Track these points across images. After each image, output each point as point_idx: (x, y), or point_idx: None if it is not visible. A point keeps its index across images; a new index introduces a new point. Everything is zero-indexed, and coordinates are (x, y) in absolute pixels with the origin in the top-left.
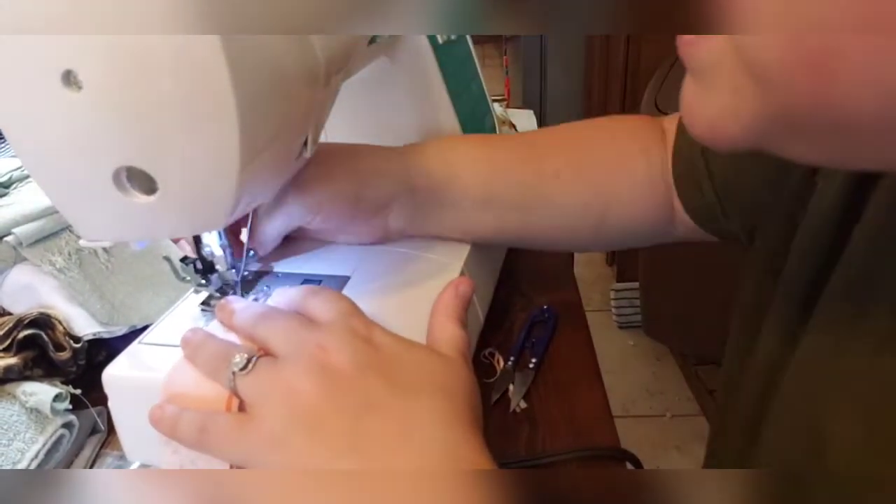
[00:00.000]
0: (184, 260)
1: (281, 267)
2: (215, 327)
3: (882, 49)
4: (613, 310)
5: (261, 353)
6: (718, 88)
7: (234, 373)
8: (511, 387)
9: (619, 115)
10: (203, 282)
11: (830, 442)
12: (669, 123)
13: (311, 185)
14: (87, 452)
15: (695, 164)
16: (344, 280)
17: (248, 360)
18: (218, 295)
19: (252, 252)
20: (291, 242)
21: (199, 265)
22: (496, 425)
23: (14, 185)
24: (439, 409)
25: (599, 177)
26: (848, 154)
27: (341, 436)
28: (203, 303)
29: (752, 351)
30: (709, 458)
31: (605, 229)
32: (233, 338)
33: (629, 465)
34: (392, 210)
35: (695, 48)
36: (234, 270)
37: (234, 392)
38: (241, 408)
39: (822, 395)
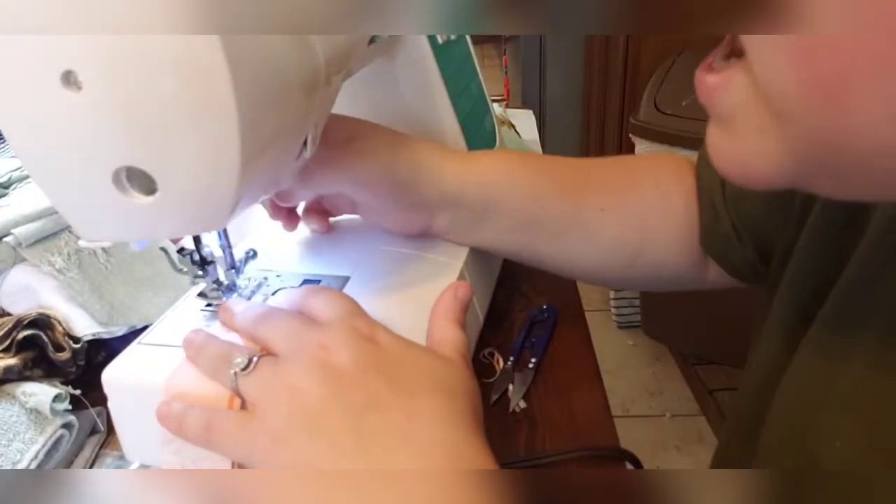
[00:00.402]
0: (181, 251)
1: (281, 267)
2: (217, 329)
3: (891, 72)
4: (613, 309)
5: (262, 353)
6: (743, 130)
7: (235, 373)
8: (510, 387)
9: (667, 155)
10: (200, 273)
11: (820, 458)
12: None
13: (369, 160)
14: (87, 453)
15: (713, 194)
16: (344, 280)
17: (250, 360)
18: (215, 286)
19: (253, 252)
20: (292, 242)
21: (196, 256)
22: (496, 425)
23: (13, 186)
24: (441, 409)
25: (641, 216)
26: (874, 188)
27: (343, 435)
28: (205, 305)
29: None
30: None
31: (635, 269)
32: (235, 339)
33: (629, 465)
34: (437, 212)
35: (717, 93)
36: (233, 271)
37: (236, 392)
38: (244, 407)
39: (812, 413)
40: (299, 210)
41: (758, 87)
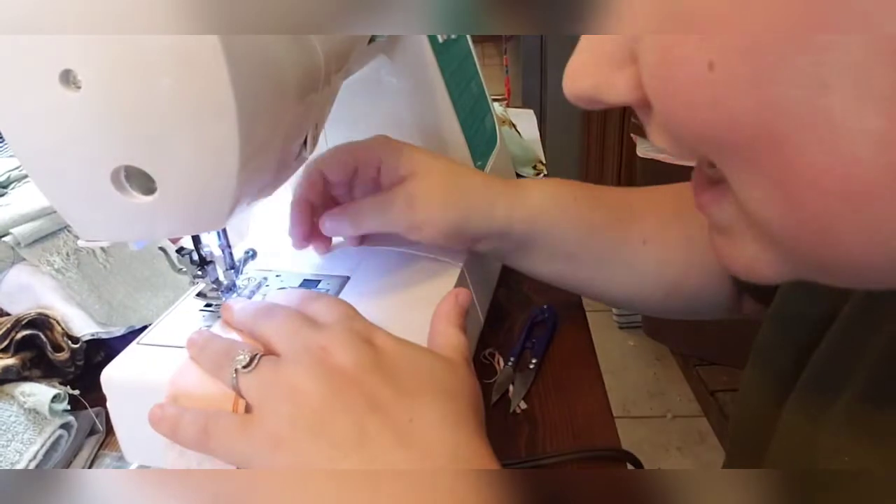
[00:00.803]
0: (180, 251)
1: (281, 267)
2: (218, 329)
3: (876, 213)
4: (614, 310)
5: (264, 353)
6: (741, 241)
7: (236, 370)
8: (511, 387)
9: None
10: (199, 273)
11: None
12: None
13: (421, 205)
14: (86, 453)
15: None
16: (344, 280)
17: (252, 359)
18: (214, 286)
19: (252, 252)
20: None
21: (195, 256)
22: (496, 426)
23: (12, 185)
24: (443, 410)
25: (683, 249)
26: (875, 283)
27: (345, 436)
28: (204, 305)
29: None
30: None
31: (673, 300)
32: (237, 339)
33: (630, 467)
34: (483, 241)
35: (711, 209)
36: (232, 271)
37: (237, 390)
38: (248, 410)
39: (814, 433)
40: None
41: (743, 212)
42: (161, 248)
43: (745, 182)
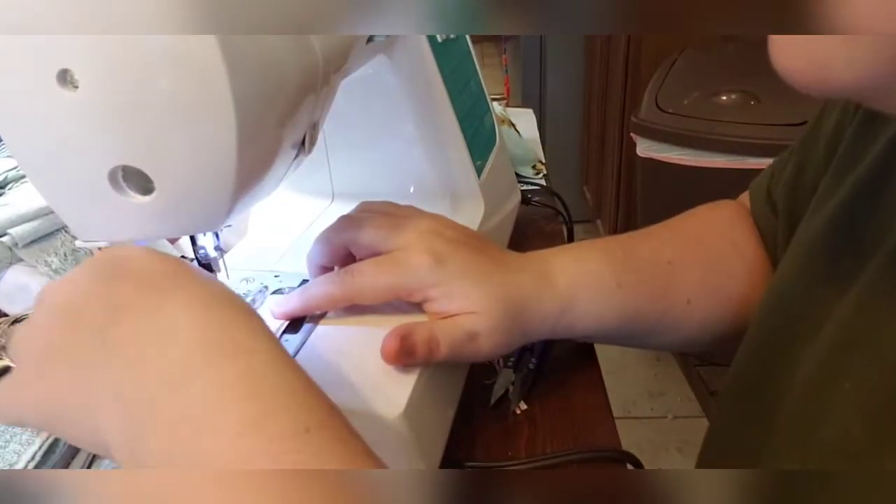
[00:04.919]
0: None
1: (280, 267)
2: None
3: None
4: None
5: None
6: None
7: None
8: (511, 388)
9: (725, 205)
10: None
11: (831, 404)
12: None
13: (484, 340)
14: (84, 454)
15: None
16: None
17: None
18: None
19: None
20: (291, 242)
21: (197, 265)
22: (496, 427)
23: (9, 186)
24: (192, 294)
25: (726, 294)
26: None
27: (88, 350)
28: None
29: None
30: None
31: (721, 343)
32: None
33: (630, 467)
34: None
35: None
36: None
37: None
38: None
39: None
40: None
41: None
42: None
43: None
